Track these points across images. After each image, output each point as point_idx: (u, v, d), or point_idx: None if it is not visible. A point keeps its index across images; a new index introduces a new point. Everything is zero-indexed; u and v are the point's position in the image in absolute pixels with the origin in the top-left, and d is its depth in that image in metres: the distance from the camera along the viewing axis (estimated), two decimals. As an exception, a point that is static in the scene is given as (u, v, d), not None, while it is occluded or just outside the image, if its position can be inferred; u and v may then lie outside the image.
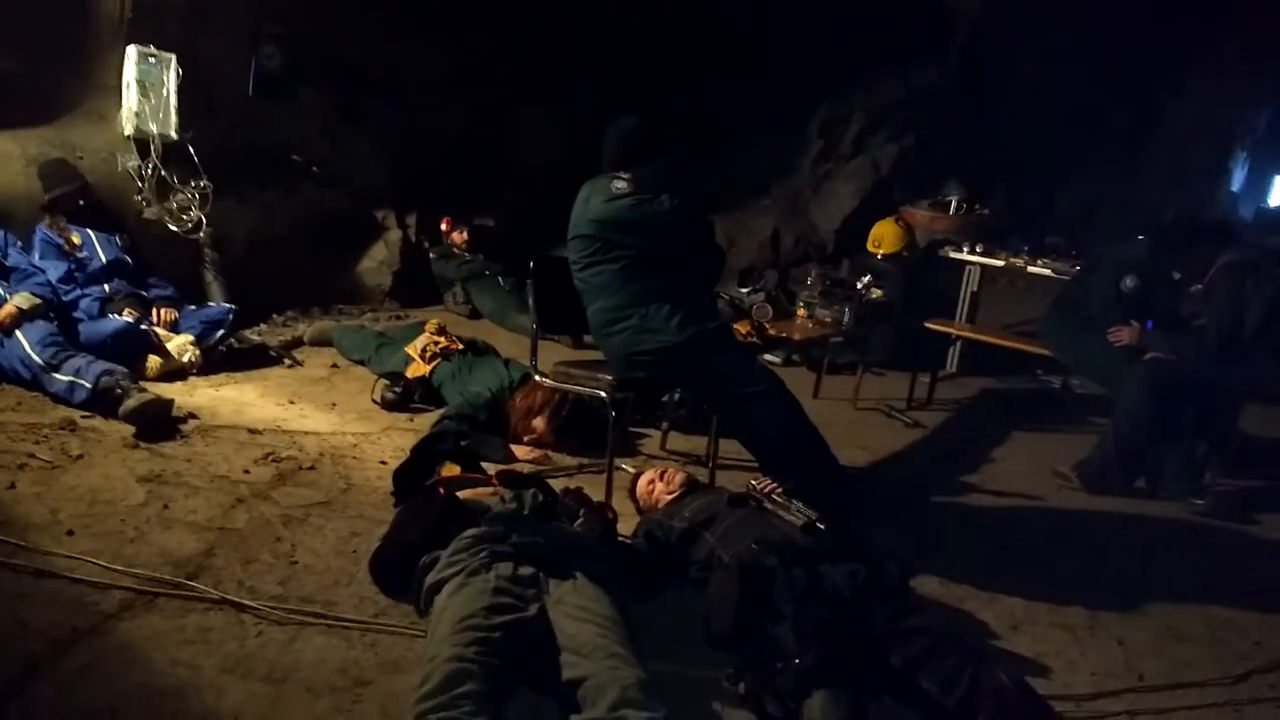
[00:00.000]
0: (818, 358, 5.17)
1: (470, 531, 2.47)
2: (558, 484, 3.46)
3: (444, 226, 6.59)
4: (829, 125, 9.65)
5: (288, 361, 4.74)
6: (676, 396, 3.97)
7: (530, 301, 3.52)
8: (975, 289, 5.90)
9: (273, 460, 3.43)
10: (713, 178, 7.82)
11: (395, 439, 3.85)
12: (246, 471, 3.31)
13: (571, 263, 3.35)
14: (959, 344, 5.80)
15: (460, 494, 2.69)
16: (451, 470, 2.98)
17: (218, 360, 4.50)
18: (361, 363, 4.78)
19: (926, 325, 5.33)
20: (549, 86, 7.09)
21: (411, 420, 4.11)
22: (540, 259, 3.52)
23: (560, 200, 3.49)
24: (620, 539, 2.85)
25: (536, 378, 3.50)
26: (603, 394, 3.18)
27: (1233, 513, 3.96)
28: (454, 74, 6.59)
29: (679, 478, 3.13)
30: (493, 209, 6.96)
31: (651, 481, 3.17)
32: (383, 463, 3.55)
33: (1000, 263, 5.68)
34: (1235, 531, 3.88)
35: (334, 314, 5.88)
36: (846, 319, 4.78)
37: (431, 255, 6.50)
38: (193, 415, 3.77)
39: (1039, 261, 5.51)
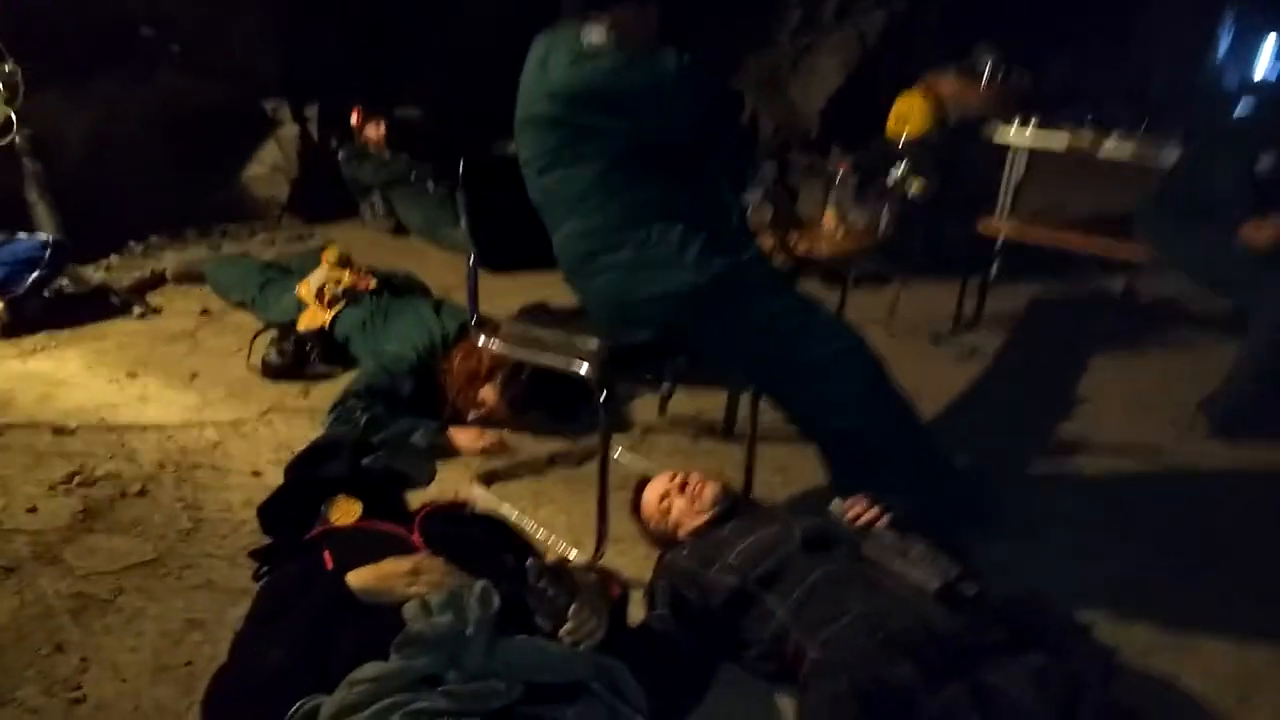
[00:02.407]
0: (843, 272, 4.03)
1: (369, 669, 1.36)
2: (524, 490, 2.36)
3: (355, 120, 5.22)
4: (809, -11, 8.38)
5: (138, 309, 3.49)
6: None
7: (463, 223, 2.32)
8: (1021, 175, 4.77)
9: (80, 484, 2.25)
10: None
11: (280, 429, 2.67)
12: (33, 510, 2.13)
13: (523, 163, 2.16)
14: (1001, 245, 4.70)
15: (354, 576, 1.54)
16: (347, 512, 1.83)
17: (36, 315, 3.25)
18: (243, 305, 3.56)
19: (977, 226, 4.21)
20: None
21: (306, 395, 2.93)
22: (473, 159, 2.29)
23: (507, 80, 2.26)
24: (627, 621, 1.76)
25: (480, 342, 2.32)
26: (584, 371, 2.03)
27: None
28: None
29: (709, 492, 2.03)
30: (416, 95, 5.60)
31: (666, 496, 2.07)
32: (256, 474, 2.39)
33: (1061, 143, 4.52)
34: None
35: (215, 238, 4.58)
36: (885, 222, 3.64)
37: (340, 157, 5.17)
38: (-30, 411, 2.56)
39: (1111, 138, 4.35)
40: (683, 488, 2.05)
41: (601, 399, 2.04)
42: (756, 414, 2.46)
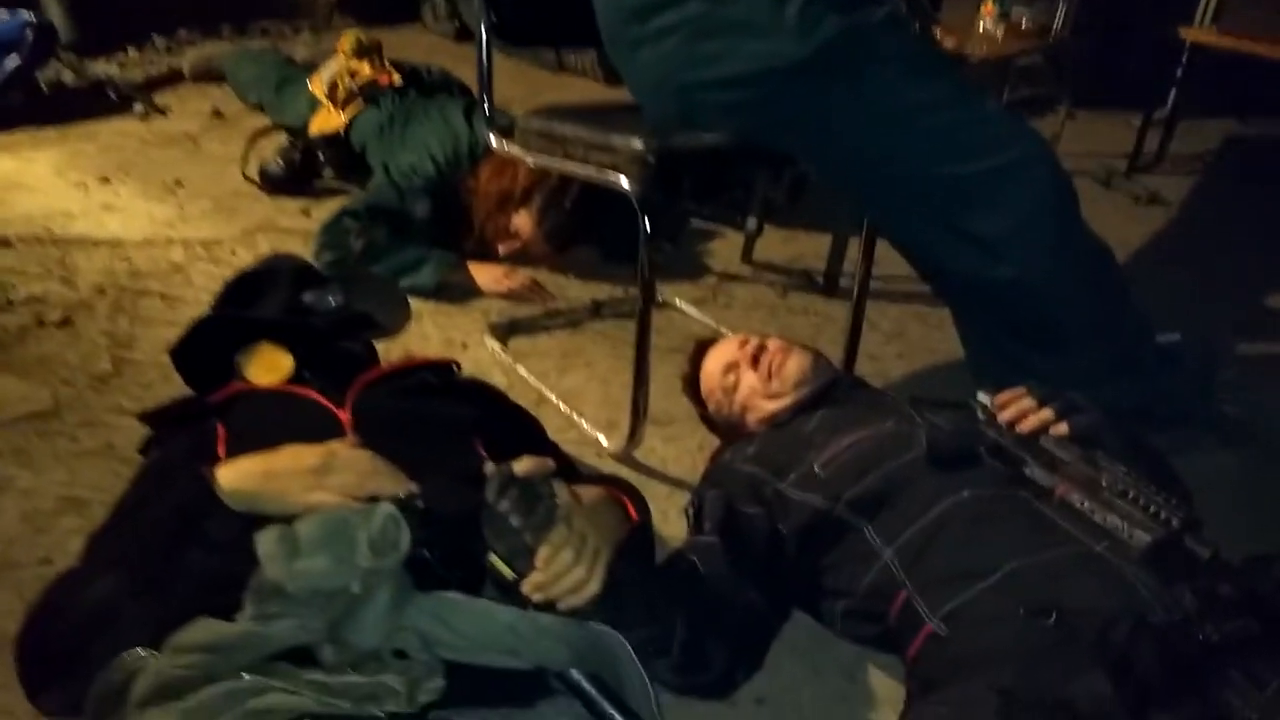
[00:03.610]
0: (996, 87, 3.22)
1: (204, 630, 0.84)
2: (552, 348, 1.81)
3: (419, -96, 4.51)
4: None
5: (140, 107, 2.98)
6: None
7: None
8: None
9: (-7, 308, 1.79)
10: None
11: (263, 253, 2.14)
12: (-80, 340, 1.68)
13: None
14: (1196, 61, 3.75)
15: (229, 472, 1.01)
16: (271, 368, 1.29)
17: (18, 108, 2.77)
18: (260, 108, 3.00)
19: (1170, 34, 3.29)
20: None
21: (308, 214, 2.38)
22: None
23: None
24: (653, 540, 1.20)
25: (495, 144, 1.71)
26: (622, 182, 1.41)
27: None
28: None
29: (793, 366, 1.41)
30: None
31: (733, 369, 1.47)
32: (216, 307, 1.88)
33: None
34: None
35: (253, 38, 4.01)
36: (1059, 21, 2.81)
37: (402, -54, 4.48)
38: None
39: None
40: (755, 358, 1.44)
41: (646, 224, 1.42)
42: (871, 260, 1.81)
